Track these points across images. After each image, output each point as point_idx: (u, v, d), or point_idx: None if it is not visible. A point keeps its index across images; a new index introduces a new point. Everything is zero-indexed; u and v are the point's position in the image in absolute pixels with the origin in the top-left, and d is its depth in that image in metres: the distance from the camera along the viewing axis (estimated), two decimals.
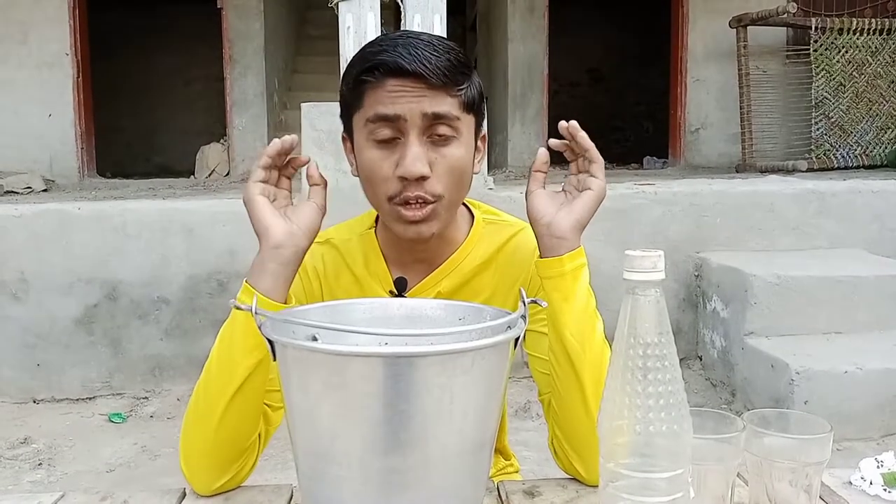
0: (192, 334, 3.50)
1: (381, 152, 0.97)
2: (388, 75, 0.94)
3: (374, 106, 0.96)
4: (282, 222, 0.90)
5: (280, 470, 2.52)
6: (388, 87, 0.94)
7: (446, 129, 0.96)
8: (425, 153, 0.96)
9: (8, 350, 3.48)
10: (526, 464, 1.22)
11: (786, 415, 0.79)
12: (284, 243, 0.89)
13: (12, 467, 2.85)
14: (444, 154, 0.97)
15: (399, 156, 0.96)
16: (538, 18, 6.41)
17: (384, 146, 0.97)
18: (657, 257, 0.66)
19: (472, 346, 0.70)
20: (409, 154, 0.95)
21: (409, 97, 0.94)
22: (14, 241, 3.47)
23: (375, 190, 0.99)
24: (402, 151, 0.96)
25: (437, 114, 0.95)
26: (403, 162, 0.95)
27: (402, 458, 0.70)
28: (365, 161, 0.99)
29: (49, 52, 5.76)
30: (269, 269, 0.89)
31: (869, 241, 3.71)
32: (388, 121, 0.95)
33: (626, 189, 3.73)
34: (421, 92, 0.94)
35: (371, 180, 0.99)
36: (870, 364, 2.86)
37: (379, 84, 0.95)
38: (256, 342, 0.87)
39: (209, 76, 7.72)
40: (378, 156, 0.97)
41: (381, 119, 0.95)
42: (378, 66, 0.94)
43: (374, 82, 0.95)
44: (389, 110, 0.95)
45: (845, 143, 5.37)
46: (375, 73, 0.95)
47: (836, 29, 5.30)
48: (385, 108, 0.95)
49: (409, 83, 0.94)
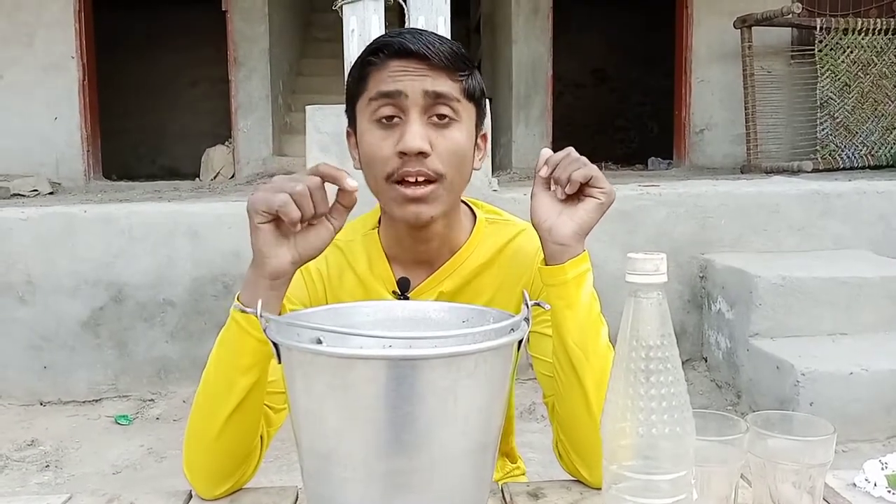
0: (197, 336, 3.51)
1: (382, 132, 0.98)
2: (392, 56, 0.96)
3: (377, 85, 0.98)
4: (283, 252, 0.84)
5: (285, 472, 2.52)
6: (391, 67, 0.97)
7: (447, 110, 0.97)
8: (426, 132, 0.97)
9: (15, 352, 3.49)
10: (531, 465, 1.22)
11: (789, 416, 0.79)
12: (280, 274, 0.85)
13: (19, 469, 2.86)
14: (444, 135, 0.98)
15: (400, 134, 0.97)
16: (542, 19, 6.41)
17: (385, 127, 0.98)
18: (660, 260, 0.66)
19: (476, 349, 0.71)
20: (410, 130, 0.96)
21: (412, 76, 0.96)
22: (20, 244, 3.48)
23: (375, 171, 0.99)
24: (402, 129, 0.97)
25: (438, 93, 0.96)
26: (404, 137, 0.96)
27: (406, 459, 0.70)
28: (366, 144, 1.00)
29: (55, 54, 5.78)
30: (261, 292, 0.84)
31: (874, 242, 3.70)
32: (390, 97, 0.96)
33: (630, 190, 3.73)
34: (423, 72, 0.96)
35: (371, 162, 1.00)
36: (875, 365, 2.85)
37: (383, 65, 0.97)
38: (253, 361, 0.87)
39: (214, 79, 7.73)
40: (379, 136, 0.98)
41: (383, 96, 0.97)
42: (383, 48, 0.97)
43: (378, 64, 0.97)
44: (391, 87, 0.96)
45: (850, 143, 5.36)
46: (380, 55, 0.97)
47: (840, 29, 5.29)
48: (387, 85, 0.96)
49: (413, 63, 0.96)
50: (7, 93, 5.77)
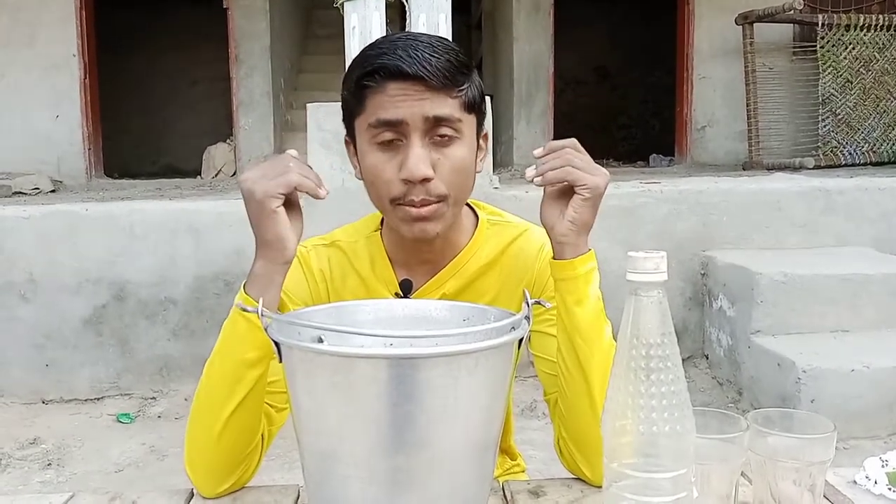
0: (199, 334, 3.51)
1: (383, 155, 0.97)
2: (388, 79, 0.94)
3: (375, 111, 0.96)
4: (293, 235, 0.89)
5: (287, 470, 2.53)
6: (389, 91, 0.94)
7: (448, 131, 0.97)
8: (428, 154, 0.96)
9: (17, 351, 3.50)
10: (532, 463, 1.22)
11: (789, 414, 0.79)
12: (292, 258, 0.90)
13: (22, 468, 2.87)
14: (446, 154, 0.97)
15: (402, 157, 0.96)
16: (544, 16, 6.40)
17: (386, 149, 0.97)
18: (660, 258, 0.66)
19: (477, 348, 0.71)
20: (412, 156, 0.95)
21: (411, 101, 0.94)
22: (22, 242, 3.49)
23: (379, 193, 1.00)
24: (404, 153, 0.96)
25: (438, 117, 0.95)
26: (406, 164, 0.95)
27: (407, 458, 0.70)
28: (368, 165, 1.00)
29: (56, 53, 5.78)
30: (273, 283, 0.89)
31: (876, 239, 3.70)
32: (391, 125, 0.95)
33: (632, 188, 3.72)
34: (422, 95, 0.94)
35: (375, 183, 1.00)
36: (877, 362, 2.85)
37: (380, 88, 0.95)
38: (261, 354, 0.89)
39: (215, 76, 7.72)
40: (381, 158, 0.98)
41: (383, 124, 0.96)
42: (379, 70, 0.94)
43: (375, 87, 0.95)
44: (391, 115, 0.95)
45: (852, 140, 5.35)
46: (376, 77, 0.95)
47: (843, 25, 5.28)
48: (387, 112, 0.95)
49: (410, 86, 0.94)
50: (8, 91, 5.77)
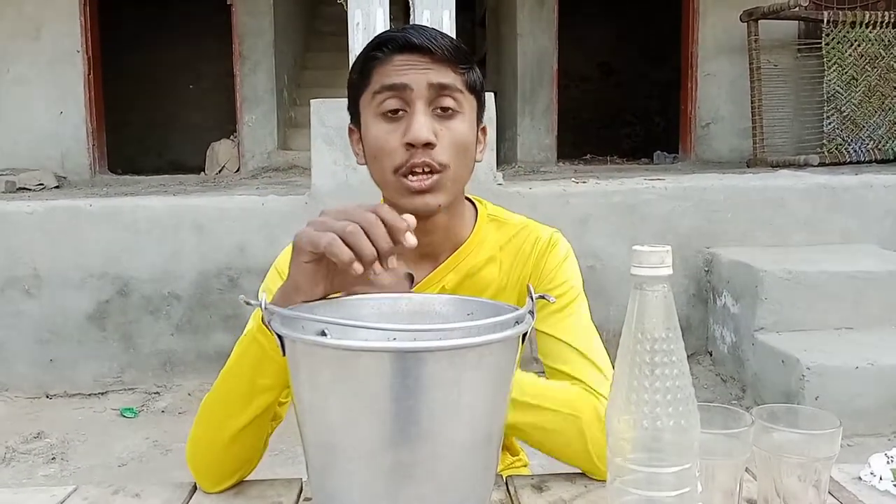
0: (202, 330, 3.52)
1: (387, 125, 0.99)
2: (395, 51, 0.98)
3: (381, 79, 0.98)
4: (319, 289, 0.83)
5: (290, 464, 2.53)
6: (395, 61, 0.98)
7: (451, 102, 0.98)
8: (431, 124, 0.98)
9: (21, 345, 3.51)
10: (535, 458, 1.22)
11: (794, 410, 0.79)
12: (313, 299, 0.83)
13: (26, 461, 2.88)
14: (448, 126, 0.99)
15: (406, 126, 0.97)
16: (548, 13, 6.39)
17: (391, 119, 0.98)
18: (665, 252, 0.66)
19: (481, 342, 0.71)
20: (416, 121, 0.96)
21: (417, 69, 0.97)
22: (27, 238, 3.49)
23: (382, 164, 1.00)
24: (408, 121, 0.97)
25: (442, 84, 0.97)
26: (411, 127, 0.96)
27: (410, 452, 0.70)
28: (371, 137, 1.00)
29: (60, 49, 5.79)
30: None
31: (881, 236, 3.69)
32: (395, 90, 0.97)
33: (636, 184, 3.72)
34: (427, 65, 0.97)
35: (378, 155, 1.00)
36: (881, 360, 2.85)
37: (387, 60, 0.98)
38: (274, 382, 0.89)
39: (219, 72, 7.73)
40: (385, 129, 0.99)
41: (388, 89, 0.97)
42: (387, 42, 0.98)
43: (382, 58, 0.98)
44: (396, 80, 0.97)
45: (857, 137, 5.33)
46: (384, 49, 0.98)
47: (848, 22, 5.26)
48: (392, 78, 0.97)
49: (416, 57, 0.97)
50: (13, 87, 5.78)
